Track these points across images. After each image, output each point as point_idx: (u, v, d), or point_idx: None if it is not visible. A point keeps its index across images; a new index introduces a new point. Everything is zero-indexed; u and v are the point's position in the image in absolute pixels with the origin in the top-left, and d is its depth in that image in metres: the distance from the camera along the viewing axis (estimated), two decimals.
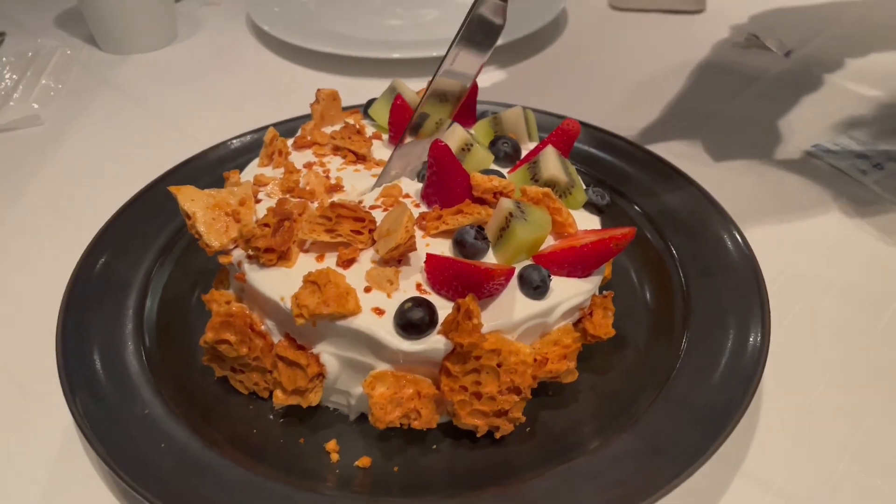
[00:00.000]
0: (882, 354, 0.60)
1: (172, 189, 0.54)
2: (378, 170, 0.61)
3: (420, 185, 0.58)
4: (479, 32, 0.57)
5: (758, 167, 0.81)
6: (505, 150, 0.61)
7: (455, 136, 0.59)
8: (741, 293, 0.58)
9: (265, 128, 0.74)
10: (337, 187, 0.58)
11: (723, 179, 0.78)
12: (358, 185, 0.59)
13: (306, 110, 0.70)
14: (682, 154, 0.82)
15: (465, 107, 0.63)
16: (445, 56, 0.58)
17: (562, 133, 0.60)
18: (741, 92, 0.94)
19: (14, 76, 1.00)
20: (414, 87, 0.68)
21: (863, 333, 0.62)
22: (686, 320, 0.57)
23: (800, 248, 0.70)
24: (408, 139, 0.60)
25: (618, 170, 0.72)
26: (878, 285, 0.66)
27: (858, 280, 0.66)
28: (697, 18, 1.14)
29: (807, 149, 0.83)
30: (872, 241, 0.71)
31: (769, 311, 0.55)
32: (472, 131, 0.64)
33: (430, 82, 0.59)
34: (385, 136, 0.66)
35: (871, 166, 0.80)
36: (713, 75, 0.98)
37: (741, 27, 1.08)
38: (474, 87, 0.63)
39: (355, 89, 0.79)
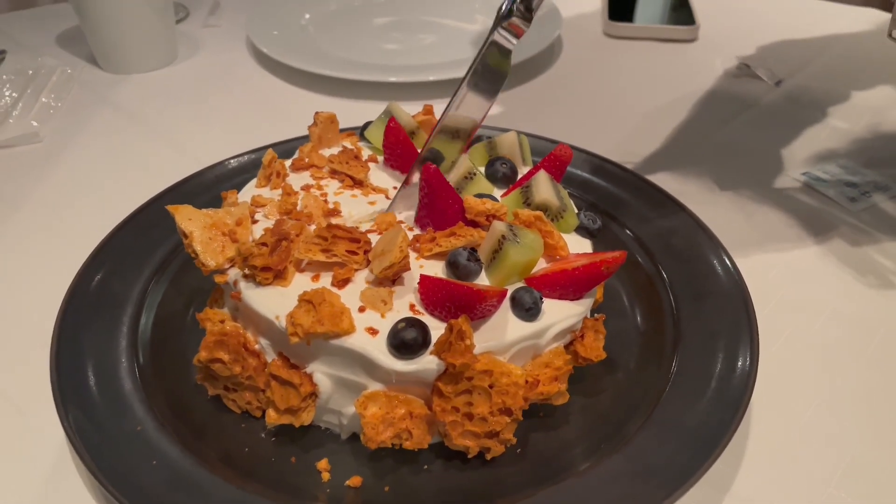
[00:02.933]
0: (869, 380, 0.60)
1: (170, 208, 0.54)
2: (374, 196, 0.62)
3: (413, 213, 0.58)
4: (484, 79, 0.59)
5: (748, 193, 0.82)
6: (503, 171, 0.62)
7: (459, 165, 0.61)
8: (731, 318, 0.58)
9: (263, 148, 0.75)
10: (335, 212, 0.59)
11: (714, 205, 0.79)
12: (354, 211, 0.60)
13: (303, 131, 0.71)
14: (673, 179, 0.83)
15: None
16: (452, 99, 0.59)
17: (554, 158, 0.61)
18: (732, 119, 0.96)
19: (14, 94, 1.01)
20: (410, 109, 0.69)
21: (850, 359, 0.62)
22: (676, 344, 0.58)
23: (789, 274, 0.71)
24: (415, 177, 0.60)
25: (611, 195, 0.73)
26: (865, 312, 0.67)
27: (846, 306, 0.67)
28: (690, 47, 1.16)
29: (796, 176, 0.84)
30: (860, 267, 0.72)
31: (758, 336, 0.56)
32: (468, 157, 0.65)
33: (439, 121, 0.60)
34: (381, 159, 0.67)
35: (860, 194, 0.81)
36: (705, 103, 1.00)
37: (733, 56, 1.10)
38: None
39: (353, 111, 0.80)
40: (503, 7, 0.57)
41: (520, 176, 0.63)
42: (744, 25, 1.21)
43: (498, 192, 0.62)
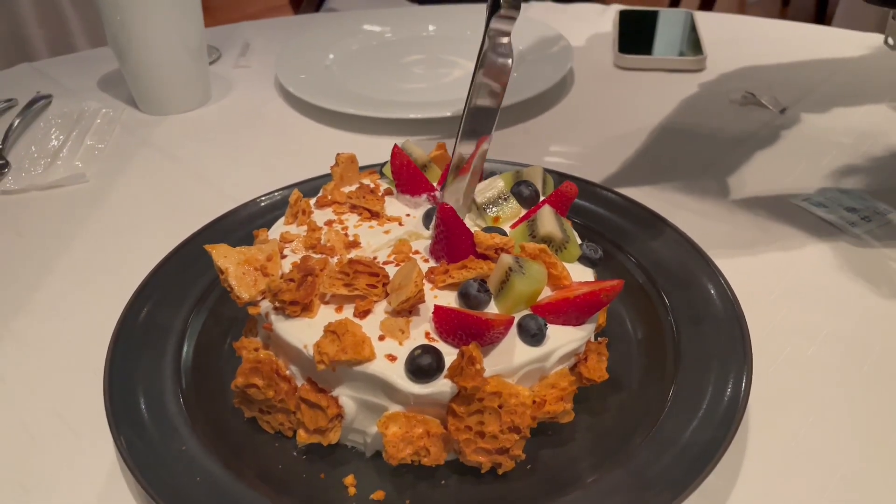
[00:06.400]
0: (862, 400, 0.64)
1: (207, 247, 0.60)
2: (390, 225, 0.67)
3: (427, 242, 0.64)
4: (491, 73, 0.66)
5: (750, 219, 0.86)
6: (527, 193, 0.68)
7: (494, 188, 0.68)
8: (727, 340, 0.62)
9: (291, 186, 0.81)
10: (354, 244, 0.65)
11: (715, 231, 0.83)
12: (373, 241, 0.65)
13: (328, 167, 0.76)
14: (677, 205, 0.87)
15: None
16: (466, 101, 0.66)
17: (560, 194, 0.66)
18: (737, 147, 1.00)
19: (61, 136, 1.09)
20: (430, 145, 0.75)
21: (845, 380, 0.66)
22: (676, 365, 0.62)
23: (788, 297, 0.74)
24: (452, 180, 0.67)
25: (615, 224, 0.78)
26: (861, 334, 0.70)
27: (843, 329, 0.71)
28: (697, 76, 1.20)
29: (798, 202, 0.88)
30: (858, 291, 0.75)
31: (752, 357, 0.60)
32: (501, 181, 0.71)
33: (455, 144, 0.66)
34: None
35: (860, 219, 0.85)
36: (711, 131, 1.04)
37: (738, 85, 1.13)
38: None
39: (376, 147, 0.85)
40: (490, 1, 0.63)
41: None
42: (749, 54, 1.25)
43: (523, 212, 0.68)
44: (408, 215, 0.69)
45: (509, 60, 0.66)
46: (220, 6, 3.60)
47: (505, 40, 0.65)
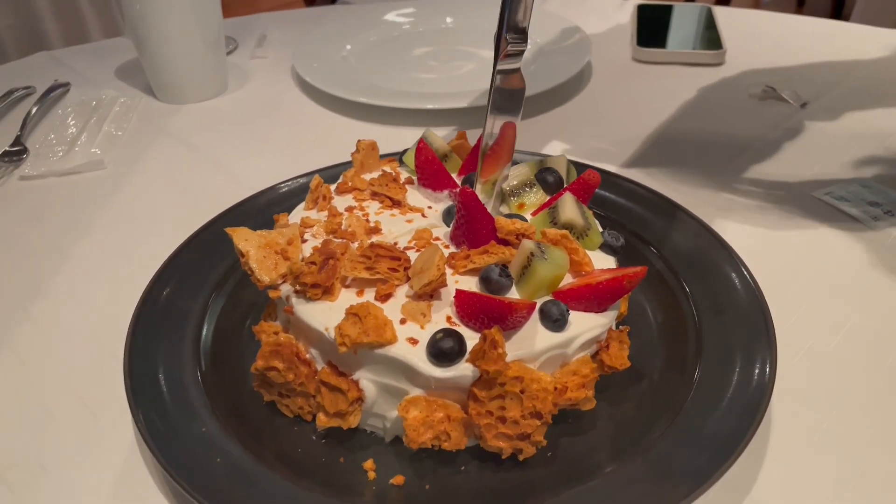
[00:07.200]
0: (886, 393, 0.63)
1: (228, 230, 0.60)
2: (412, 215, 0.67)
3: (448, 229, 0.63)
4: (504, 102, 0.65)
5: (772, 213, 0.85)
6: (552, 180, 0.68)
7: (520, 175, 0.68)
8: (750, 330, 0.62)
9: (310, 174, 0.81)
10: (375, 230, 0.64)
11: (738, 224, 0.83)
12: (394, 228, 0.65)
13: (345, 157, 0.76)
14: (698, 197, 0.86)
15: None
16: (483, 127, 0.65)
17: (583, 182, 0.66)
18: (757, 141, 0.99)
19: (79, 124, 1.09)
20: (447, 135, 0.74)
21: (868, 373, 0.65)
22: (698, 355, 0.61)
23: (809, 290, 0.74)
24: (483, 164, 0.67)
25: (636, 214, 0.77)
26: (883, 327, 0.69)
27: (865, 322, 0.70)
28: (717, 70, 1.19)
29: (820, 196, 0.87)
30: (881, 284, 0.74)
31: (776, 347, 0.59)
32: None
33: (481, 136, 0.66)
34: (416, 180, 0.72)
35: (883, 213, 0.84)
36: (731, 125, 1.03)
37: (758, 80, 1.13)
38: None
39: (391, 137, 0.85)
40: (496, 38, 0.63)
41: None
42: (770, 49, 1.24)
43: (547, 199, 0.67)
44: (430, 207, 0.68)
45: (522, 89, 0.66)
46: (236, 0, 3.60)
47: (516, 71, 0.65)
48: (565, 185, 0.68)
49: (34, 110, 1.11)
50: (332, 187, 0.70)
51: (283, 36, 1.39)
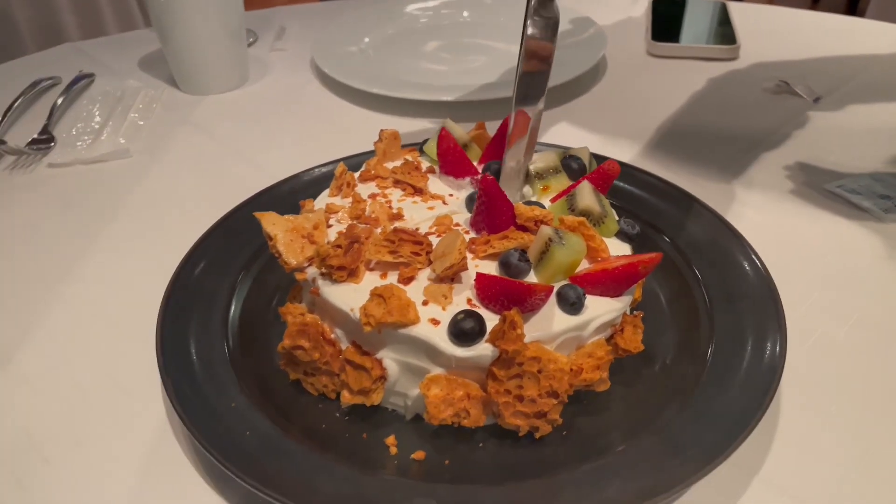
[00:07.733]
0: (894, 378, 0.65)
1: (257, 214, 0.62)
2: (433, 202, 0.69)
3: (468, 216, 0.66)
4: (538, 28, 0.66)
5: (784, 204, 0.87)
6: (576, 166, 0.70)
7: (547, 159, 0.70)
8: (761, 317, 0.63)
9: (333, 162, 0.83)
10: (398, 216, 0.66)
11: (750, 215, 0.84)
12: (416, 215, 0.67)
13: (364, 147, 0.78)
14: (711, 190, 0.88)
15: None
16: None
17: (602, 172, 0.68)
18: (771, 133, 1.00)
19: (104, 113, 1.12)
20: (464, 127, 0.76)
21: (876, 362, 0.67)
22: (710, 340, 0.63)
23: (820, 281, 0.75)
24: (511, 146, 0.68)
25: (651, 205, 0.79)
26: (893, 317, 0.71)
27: (875, 312, 0.71)
28: (731, 64, 1.20)
29: (832, 189, 0.88)
30: (891, 276, 0.76)
31: (786, 331, 0.61)
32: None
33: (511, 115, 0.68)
34: (437, 169, 0.74)
35: (894, 206, 0.85)
36: (744, 119, 1.05)
37: (772, 74, 1.14)
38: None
39: (408, 128, 0.87)
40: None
41: None
42: (784, 44, 1.25)
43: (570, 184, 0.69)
44: (451, 195, 0.70)
45: (555, 16, 0.66)
46: None
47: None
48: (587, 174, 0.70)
49: (60, 100, 1.13)
50: (356, 175, 0.72)
51: (301, 29, 1.42)
